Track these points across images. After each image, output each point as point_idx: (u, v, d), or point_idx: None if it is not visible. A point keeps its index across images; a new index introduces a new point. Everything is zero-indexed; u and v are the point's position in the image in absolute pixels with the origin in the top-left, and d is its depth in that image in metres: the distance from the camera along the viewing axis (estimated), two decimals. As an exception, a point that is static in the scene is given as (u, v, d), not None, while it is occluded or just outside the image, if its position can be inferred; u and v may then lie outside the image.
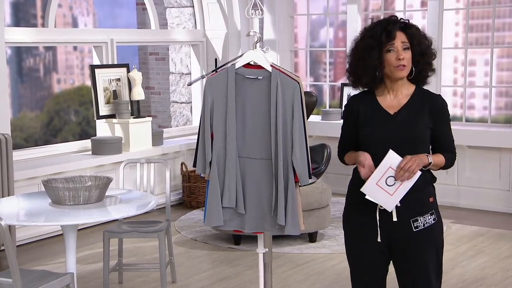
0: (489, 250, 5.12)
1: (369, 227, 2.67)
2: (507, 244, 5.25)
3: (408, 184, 2.58)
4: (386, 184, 2.57)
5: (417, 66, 2.66)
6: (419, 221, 2.65)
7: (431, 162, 2.63)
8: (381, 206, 2.64)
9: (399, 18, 2.69)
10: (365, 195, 2.61)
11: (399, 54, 2.61)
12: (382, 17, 2.80)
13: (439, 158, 2.67)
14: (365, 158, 2.61)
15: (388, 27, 2.62)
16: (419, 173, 2.58)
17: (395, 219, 2.63)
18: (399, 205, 2.63)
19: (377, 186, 2.58)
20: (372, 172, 2.59)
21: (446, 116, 2.70)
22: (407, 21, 2.67)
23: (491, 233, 5.55)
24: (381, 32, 2.62)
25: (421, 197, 2.67)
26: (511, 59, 6.37)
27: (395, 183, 2.57)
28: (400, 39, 2.62)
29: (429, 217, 2.67)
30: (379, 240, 2.66)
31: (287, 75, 2.97)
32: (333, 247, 5.15)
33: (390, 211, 2.61)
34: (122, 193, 3.97)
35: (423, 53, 2.64)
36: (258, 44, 3.09)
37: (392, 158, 2.57)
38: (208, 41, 7.39)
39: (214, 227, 3.32)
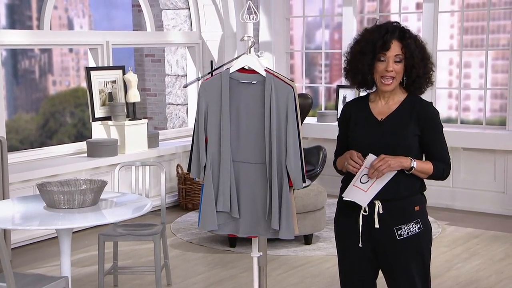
0: (484, 252, 5.14)
1: (354, 232, 2.69)
2: (501, 246, 5.26)
3: (382, 182, 2.61)
4: (361, 182, 2.62)
5: (409, 77, 2.67)
6: (403, 229, 2.65)
7: (413, 167, 2.62)
8: (364, 212, 2.66)
9: (400, 26, 2.68)
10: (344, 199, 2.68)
11: (389, 65, 2.63)
12: (378, 19, 2.81)
13: (426, 165, 2.65)
14: (350, 152, 2.64)
15: (386, 36, 2.62)
16: (393, 173, 2.60)
17: (377, 226, 2.64)
18: (381, 210, 2.63)
19: (354, 187, 2.64)
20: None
21: (437, 124, 2.68)
22: (406, 31, 2.66)
23: (486, 235, 5.57)
24: (377, 40, 2.62)
25: (406, 205, 2.67)
26: (506, 61, 6.38)
27: (368, 180, 2.61)
28: (395, 50, 2.63)
29: (414, 225, 2.66)
30: (360, 245, 2.67)
31: (281, 79, 2.98)
32: (328, 249, 5.16)
33: (364, 206, 2.64)
34: (117, 196, 3.98)
35: (413, 67, 2.64)
36: (252, 49, 3.09)
37: (369, 160, 2.62)
38: (204, 43, 7.39)
39: (208, 231, 3.32)
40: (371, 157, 2.62)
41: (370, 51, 2.63)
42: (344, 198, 2.66)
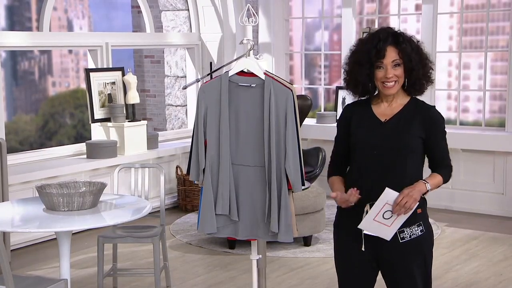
0: (483, 253, 5.14)
1: (356, 236, 2.68)
2: (500, 248, 5.26)
3: (406, 215, 2.58)
4: (383, 218, 2.57)
5: (409, 80, 2.68)
6: (406, 232, 2.65)
7: (428, 190, 2.61)
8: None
9: (393, 30, 2.68)
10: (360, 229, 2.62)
11: (388, 72, 2.63)
12: (376, 21, 2.82)
13: (437, 179, 2.65)
14: (337, 195, 2.64)
15: (379, 45, 2.62)
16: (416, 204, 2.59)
17: None
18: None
19: (375, 221, 2.58)
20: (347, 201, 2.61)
21: (440, 127, 2.69)
22: (400, 35, 2.66)
23: (485, 237, 5.57)
24: (371, 50, 2.63)
25: None
26: (505, 63, 6.39)
27: (392, 215, 2.57)
28: (391, 56, 2.63)
29: (416, 228, 2.67)
30: (363, 249, 2.67)
31: (280, 83, 2.98)
32: (327, 251, 5.16)
33: (388, 239, 2.62)
34: (116, 198, 3.98)
35: (413, 69, 2.65)
36: (251, 52, 3.10)
37: (388, 195, 2.55)
38: (203, 44, 7.39)
39: (207, 234, 3.32)
40: (389, 192, 2.55)
41: (366, 61, 2.64)
42: (365, 232, 2.62)
